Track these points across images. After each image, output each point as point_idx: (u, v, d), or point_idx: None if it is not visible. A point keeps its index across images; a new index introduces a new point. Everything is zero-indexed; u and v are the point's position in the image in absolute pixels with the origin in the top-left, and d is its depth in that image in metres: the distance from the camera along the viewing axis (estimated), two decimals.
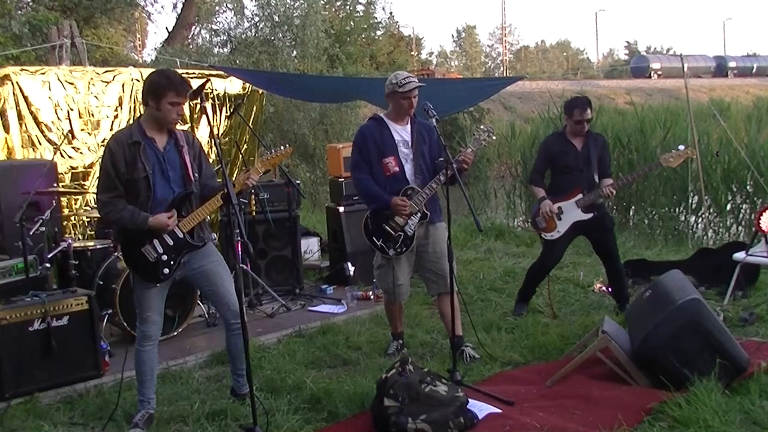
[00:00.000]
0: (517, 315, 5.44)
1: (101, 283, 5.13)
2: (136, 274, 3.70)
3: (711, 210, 9.18)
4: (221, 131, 7.90)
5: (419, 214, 4.48)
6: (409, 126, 4.59)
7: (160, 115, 3.63)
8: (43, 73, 6.53)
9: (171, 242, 3.69)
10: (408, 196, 4.46)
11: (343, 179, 6.87)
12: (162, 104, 3.60)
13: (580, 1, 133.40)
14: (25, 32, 11.71)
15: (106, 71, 7.14)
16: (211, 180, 3.88)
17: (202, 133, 7.58)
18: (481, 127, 4.76)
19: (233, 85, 7.93)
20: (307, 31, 15.55)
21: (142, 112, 3.78)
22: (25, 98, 6.39)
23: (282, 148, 4.05)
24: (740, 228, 9.04)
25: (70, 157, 6.71)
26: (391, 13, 60.95)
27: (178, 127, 3.83)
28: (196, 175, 3.78)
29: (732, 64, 49.27)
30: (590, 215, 5.21)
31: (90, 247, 5.38)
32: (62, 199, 6.33)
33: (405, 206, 4.41)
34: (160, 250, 3.67)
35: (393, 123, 4.58)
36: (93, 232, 6.45)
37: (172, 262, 3.70)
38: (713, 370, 3.64)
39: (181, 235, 3.70)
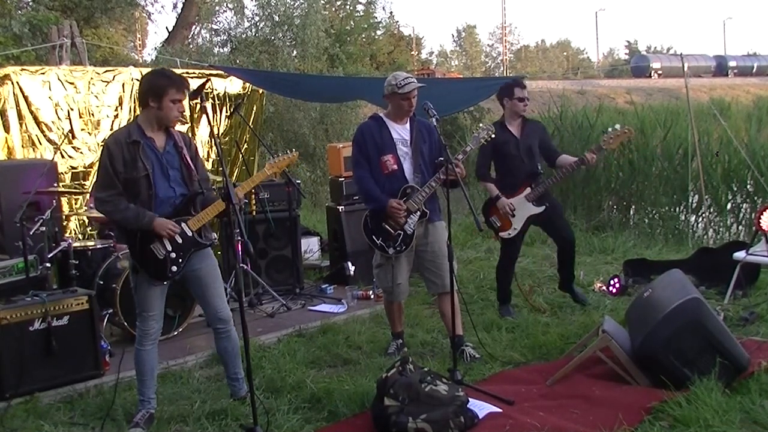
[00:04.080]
0: (506, 317, 5.40)
1: (101, 282, 5.13)
2: (144, 272, 3.70)
3: (711, 209, 9.17)
4: (221, 131, 7.91)
5: (418, 213, 4.48)
6: (408, 125, 4.59)
7: (162, 114, 3.64)
8: (44, 73, 6.54)
9: (180, 240, 3.70)
10: (407, 195, 4.46)
11: (343, 179, 6.88)
12: (164, 103, 3.61)
13: (580, 1, 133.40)
14: (26, 32, 11.70)
15: (107, 71, 7.14)
16: (206, 183, 3.89)
17: (202, 133, 7.59)
18: (481, 125, 4.76)
19: (233, 85, 7.93)
20: (307, 30, 15.54)
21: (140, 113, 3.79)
22: (26, 98, 6.39)
23: (288, 153, 4.14)
24: (740, 227, 9.02)
25: (70, 156, 6.72)
26: (391, 12, 60.92)
27: (177, 127, 3.84)
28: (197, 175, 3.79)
29: (732, 63, 49.19)
30: (542, 207, 5.21)
31: (90, 247, 5.38)
32: (62, 198, 6.33)
33: (400, 211, 4.41)
34: (169, 248, 3.68)
35: (392, 122, 4.58)
36: (93, 232, 6.46)
37: (180, 260, 3.71)
38: (713, 370, 3.63)
39: (190, 234, 3.72)
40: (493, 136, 4.63)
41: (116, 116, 6.97)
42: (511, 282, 5.61)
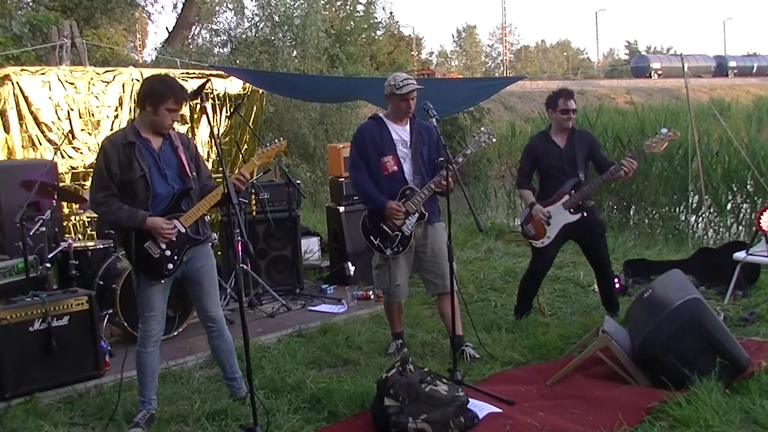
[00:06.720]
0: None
1: (101, 283, 5.13)
2: (141, 272, 3.71)
3: (711, 210, 9.18)
4: (221, 131, 7.90)
5: (417, 214, 4.47)
6: (408, 126, 4.60)
7: (157, 120, 3.68)
8: (44, 73, 6.53)
9: (173, 237, 3.70)
10: (406, 196, 4.46)
11: (343, 179, 6.88)
12: (160, 110, 3.64)
13: (580, 1, 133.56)
14: (26, 32, 11.72)
15: (107, 71, 7.14)
16: (209, 180, 3.91)
17: (202, 133, 7.59)
18: (482, 128, 4.74)
19: (233, 85, 7.93)
20: (307, 31, 15.54)
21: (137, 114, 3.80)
22: (26, 98, 6.38)
23: (276, 141, 4.09)
24: (740, 227, 9.03)
25: (70, 157, 6.72)
26: (391, 12, 61.04)
27: (178, 128, 3.85)
28: (194, 173, 3.81)
29: (732, 63, 49.26)
30: (578, 216, 4.95)
31: (90, 247, 5.38)
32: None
33: (399, 212, 4.41)
34: (163, 246, 3.68)
35: (392, 123, 4.58)
36: (93, 232, 6.45)
37: (175, 258, 3.72)
38: (713, 370, 3.63)
39: (183, 230, 3.72)
40: (494, 140, 4.61)
41: (116, 116, 6.96)
42: (534, 297, 5.35)
